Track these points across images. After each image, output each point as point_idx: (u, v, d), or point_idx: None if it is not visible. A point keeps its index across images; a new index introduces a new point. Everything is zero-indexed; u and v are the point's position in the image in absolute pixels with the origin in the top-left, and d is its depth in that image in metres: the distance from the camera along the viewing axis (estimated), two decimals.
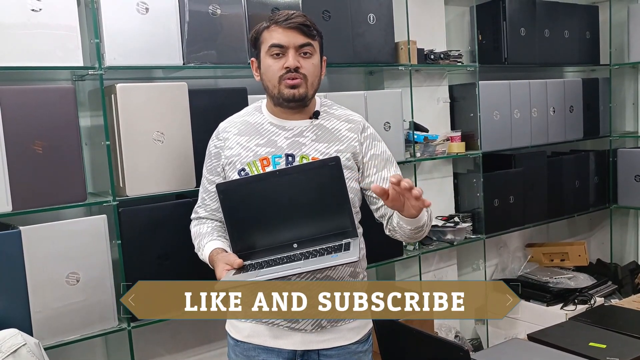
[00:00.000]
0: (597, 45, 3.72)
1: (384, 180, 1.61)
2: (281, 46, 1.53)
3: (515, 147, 3.27)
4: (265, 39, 1.57)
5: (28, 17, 1.85)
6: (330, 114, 1.65)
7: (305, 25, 1.54)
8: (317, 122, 1.61)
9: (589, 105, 3.66)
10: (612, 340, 1.96)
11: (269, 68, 1.56)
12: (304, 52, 1.55)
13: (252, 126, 1.63)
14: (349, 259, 1.34)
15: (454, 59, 3.00)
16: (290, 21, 1.53)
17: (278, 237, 1.49)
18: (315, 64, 1.58)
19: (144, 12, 2.05)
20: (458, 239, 2.99)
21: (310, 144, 1.58)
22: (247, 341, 1.61)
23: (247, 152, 1.59)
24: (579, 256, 3.54)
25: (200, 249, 1.63)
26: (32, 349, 1.73)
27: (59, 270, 1.90)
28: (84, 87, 2.20)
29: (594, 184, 3.73)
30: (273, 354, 1.59)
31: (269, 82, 1.57)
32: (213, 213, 1.69)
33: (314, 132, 1.60)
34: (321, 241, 1.47)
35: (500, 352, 1.92)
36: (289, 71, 1.53)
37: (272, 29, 1.55)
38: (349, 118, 1.65)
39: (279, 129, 1.60)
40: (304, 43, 1.54)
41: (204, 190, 1.71)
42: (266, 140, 1.59)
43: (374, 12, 2.63)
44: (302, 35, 1.54)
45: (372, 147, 1.64)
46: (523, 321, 3.13)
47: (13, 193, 1.83)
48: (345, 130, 1.62)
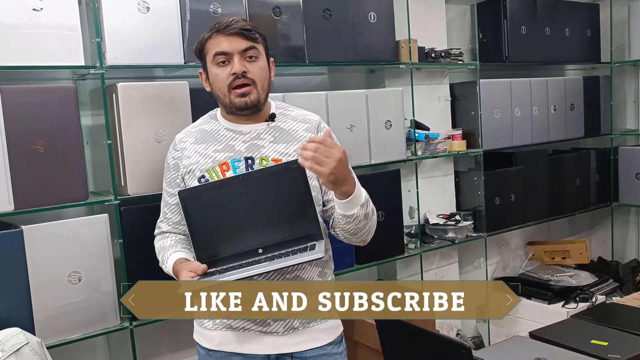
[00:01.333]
0: (597, 43, 3.72)
1: None
2: (225, 53, 1.53)
3: (516, 145, 3.27)
4: (209, 48, 1.57)
5: (29, 16, 1.86)
6: (286, 115, 1.64)
7: (246, 29, 1.54)
8: (273, 124, 1.61)
9: (590, 103, 3.65)
10: (614, 338, 1.96)
11: (216, 77, 1.55)
12: (249, 56, 1.54)
13: (209, 134, 1.62)
14: (313, 256, 1.35)
15: (455, 58, 3.00)
16: (231, 27, 1.53)
17: (243, 243, 1.47)
18: (262, 66, 1.57)
19: (145, 11, 2.05)
20: (459, 238, 2.99)
21: (268, 146, 1.57)
22: (219, 349, 1.60)
23: (205, 159, 1.58)
24: (580, 254, 3.54)
25: (165, 262, 1.60)
26: (35, 347, 1.73)
27: (61, 269, 1.91)
28: (85, 87, 2.20)
29: (595, 182, 3.72)
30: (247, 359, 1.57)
31: (219, 91, 1.56)
32: (176, 226, 1.67)
33: (271, 134, 1.59)
34: (287, 245, 1.46)
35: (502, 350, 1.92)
36: (236, 77, 1.52)
37: (214, 37, 1.55)
38: (305, 118, 1.64)
39: (236, 134, 1.59)
40: (247, 47, 1.53)
41: (164, 205, 1.69)
42: (224, 145, 1.58)
43: (375, 11, 2.63)
44: (244, 39, 1.53)
45: None
46: (524, 319, 3.13)
47: (15, 192, 1.84)
48: (302, 130, 1.61)
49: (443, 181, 3.15)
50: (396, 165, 2.74)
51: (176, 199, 1.60)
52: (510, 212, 3.24)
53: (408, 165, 2.87)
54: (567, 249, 3.57)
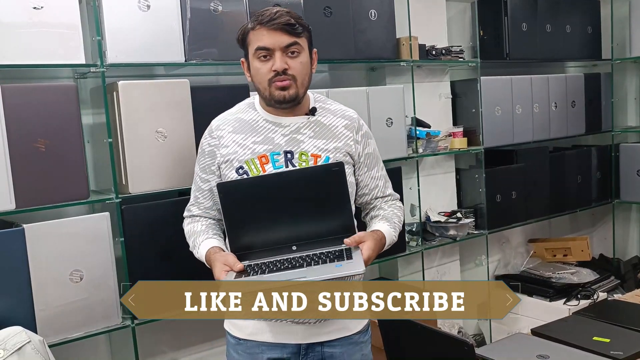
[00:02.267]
0: (598, 40, 3.72)
1: (373, 179, 1.69)
2: (267, 49, 1.52)
3: (517, 142, 3.27)
4: (251, 40, 1.55)
5: (30, 15, 1.85)
6: (326, 109, 1.65)
7: (289, 24, 1.51)
8: (314, 118, 1.61)
9: (591, 100, 3.65)
10: (616, 335, 1.96)
11: (257, 71, 1.55)
12: (291, 51, 1.53)
13: (247, 123, 1.61)
14: (355, 271, 1.36)
15: (456, 55, 3.00)
16: (274, 22, 1.50)
17: (277, 238, 1.49)
18: (304, 62, 1.56)
19: (146, 9, 2.05)
20: (460, 235, 2.99)
21: (308, 141, 1.58)
22: (251, 339, 1.60)
23: (244, 150, 1.58)
24: (582, 251, 3.53)
25: (196, 247, 1.62)
26: (37, 346, 1.73)
27: (63, 268, 1.91)
28: (85, 85, 2.20)
29: (596, 179, 3.72)
30: (277, 350, 1.58)
31: (259, 84, 1.56)
32: (207, 211, 1.68)
33: (311, 128, 1.60)
34: (320, 244, 1.48)
35: (504, 347, 1.92)
36: (277, 74, 1.52)
37: (257, 30, 1.52)
38: (344, 114, 1.66)
39: (276, 126, 1.59)
40: (290, 43, 1.52)
41: (196, 189, 1.69)
42: (263, 137, 1.58)
43: (376, 8, 2.63)
44: (287, 35, 1.51)
45: (367, 145, 1.67)
46: (526, 317, 3.13)
47: (16, 191, 1.83)
48: (342, 127, 1.63)
49: (444, 179, 3.14)
50: (397, 163, 2.74)
51: (209, 185, 1.63)
52: (512, 210, 3.24)
53: (409, 163, 2.87)
54: (568, 246, 3.57)
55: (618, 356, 1.79)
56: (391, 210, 1.70)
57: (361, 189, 1.68)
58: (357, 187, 1.68)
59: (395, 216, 1.67)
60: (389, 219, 1.65)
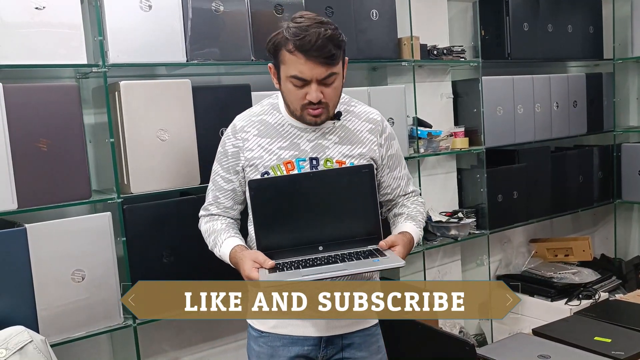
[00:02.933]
0: (600, 40, 3.71)
1: (395, 179, 1.70)
2: (304, 80, 1.47)
3: (518, 142, 3.26)
4: (286, 61, 1.47)
5: (32, 15, 1.86)
6: (351, 112, 1.65)
7: (330, 56, 1.45)
8: (339, 123, 1.62)
9: (593, 100, 3.65)
10: (617, 335, 1.96)
11: (289, 93, 1.52)
12: (327, 82, 1.49)
13: (272, 127, 1.60)
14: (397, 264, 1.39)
15: (457, 55, 3.00)
16: (315, 51, 1.43)
17: (304, 238, 1.50)
18: (337, 86, 1.53)
19: (147, 10, 2.05)
20: (462, 235, 2.99)
21: (333, 147, 1.59)
22: (273, 332, 1.62)
23: (270, 155, 1.58)
24: (583, 251, 3.53)
25: (217, 245, 1.61)
26: (39, 345, 1.74)
27: (65, 267, 1.91)
28: (87, 85, 2.21)
29: (597, 179, 3.72)
30: (298, 342, 1.60)
31: (290, 103, 1.54)
32: (226, 211, 1.68)
33: (336, 134, 1.60)
34: (346, 245, 1.50)
35: (505, 347, 1.92)
36: (311, 103, 1.50)
37: (294, 53, 1.44)
38: (368, 117, 1.66)
39: (301, 131, 1.59)
40: (327, 75, 1.48)
41: (217, 189, 1.67)
42: (289, 143, 1.58)
43: (377, 8, 2.63)
44: (326, 67, 1.46)
45: (390, 147, 1.69)
46: (527, 316, 3.13)
47: (18, 191, 1.84)
48: (366, 131, 1.64)
49: (445, 178, 3.14)
50: None
51: (233, 185, 1.64)
52: (513, 210, 3.24)
53: (410, 163, 2.87)
54: (570, 246, 3.56)
55: (619, 356, 1.79)
56: (414, 207, 1.72)
57: (384, 189, 1.71)
58: (380, 187, 1.70)
59: (419, 213, 1.70)
60: (414, 218, 1.67)
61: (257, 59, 2.27)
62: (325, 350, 1.61)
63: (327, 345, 1.61)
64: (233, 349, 2.53)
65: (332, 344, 1.61)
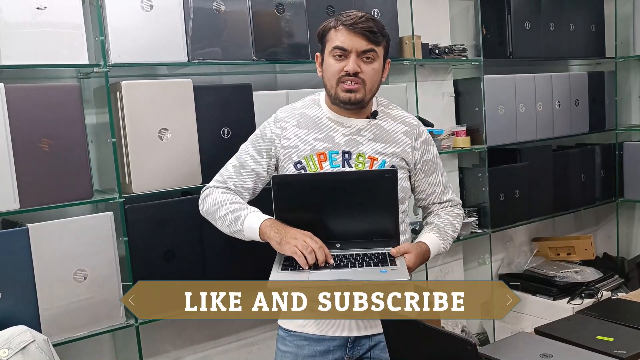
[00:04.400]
0: (602, 38, 3.70)
1: (430, 185, 1.72)
2: (344, 49, 1.55)
3: (520, 141, 3.26)
4: (330, 38, 1.58)
5: (33, 15, 1.86)
6: (387, 113, 1.68)
7: (371, 31, 1.54)
8: (374, 121, 1.64)
9: (595, 98, 3.64)
10: (620, 333, 1.95)
11: (329, 67, 1.58)
12: (366, 57, 1.56)
13: (311, 119, 1.65)
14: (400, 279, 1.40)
15: (459, 54, 2.99)
16: (357, 25, 1.54)
17: (323, 234, 1.52)
18: (376, 68, 1.59)
19: (149, 9, 2.05)
20: (464, 234, 2.98)
21: (367, 143, 1.61)
22: (300, 331, 1.63)
23: (305, 145, 1.61)
24: (585, 250, 3.52)
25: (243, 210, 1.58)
26: (41, 345, 1.74)
27: (67, 267, 1.91)
28: (89, 85, 2.21)
29: (600, 178, 3.71)
30: (324, 342, 1.61)
31: (328, 81, 1.60)
32: (241, 191, 1.67)
33: (371, 131, 1.63)
34: (364, 245, 1.53)
35: (508, 346, 1.91)
36: (347, 74, 1.55)
37: (339, 29, 1.56)
38: (405, 120, 1.69)
39: (337, 125, 1.63)
40: (367, 49, 1.55)
41: (242, 166, 1.68)
42: (324, 135, 1.62)
43: (378, 7, 2.63)
44: (366, 41, 1.55)
45: (426, 152, 1.71)
46: (529, 315, 3.12)
47: (20, 191, 1.84)
48: (401, 133, 1.66)
49: (447, 177, 3.13)
50: None
51: (260, 167, 1.66)
52: (515, 208, 3.24)
53: None
54: (572, 244, 3.56)
55: (622, 355, 1.78)
56: (447, 218, 1.73)
57: (418, 194, 1.72)
58: (414, 191, 1.72)
59: (449, 225, 1.71)
60: (440, 230, 1.69)
61: (259, 58, 2.27)
62: (352, 351, 1.61)
63: (354, 345, 1.61)
64: (235, 348, 2.53)
65: (359, 345, 1.62)
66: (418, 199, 1.75)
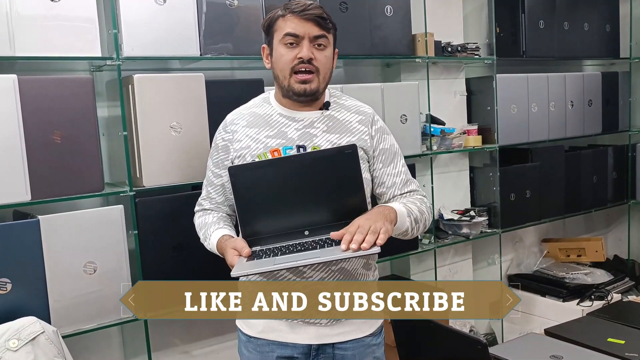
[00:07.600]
0: (617, 39, 3.67)
1: (389, 176, 1.63)
2: (296, 35, 1.51)
3: (532, 141, 3.24)
4: (280, 27, 1.54)
5: (47, 8, 1.86)
6: (340, 104, 1.64)
7: (321, 17, 1.53)
8: (327, 113, 1.60)
9: (608, 99, 3.61)
10: (631, 336, 1.94)
11: (281, 57, 1.54)
12: (318, 43, 1.53)
13: (261, 117, 1.61)
14: (371, 251, 1.31)
15: (472, 52, 2.97)
16: (307, 12, 1.51)
17: (289, 223, 1.46)
18: (328, 56, 1.57)
19: (162, 3, 2.05)
20: (474, 233, 2.97)
21: (321, 135, 1.57)
22: (261, 337, 1.59)
23: (257, 144, 1.57)
24: (596, 252, 3.50)
25: (207, 239, 1.61)
26: (50, 336, 1.75)
27: (77, 259, 1.92)
28: (101, 78, 2.21)
29: (612, 179, 3.68)
30: (287, 349, 1.57)
31: (280, 72, 1.55)
32: (218, 206, 1.67)
33: (325, 123, 1.58)
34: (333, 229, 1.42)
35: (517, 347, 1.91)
36: (301, 62, 1.51)
37: (287, 17, 1.53)
38: (359, 109, 1.64)
39: (289, 120, 1.59)
40: (319, 34, 1.53)
41: (209, 184, 1.69)
42: (276, 131, 1.57)
43: (391, 4, 2.62)
44: (317, 27, 1.52)
45: (382, 140, 1.64)
46: (538, 317, 3.11)
47: (32, 182, 1.85)
48: (355, 122, 1.61)
49: (458, 176, 3.13)
50: (411, 160, 2.72)
51: (222, 180, 1.63)
52: (526, 209, 3.22)
53: (423, 160, 2.85)
54: (582, 246, 3.53)
55: (633, 358, 1.77)
56: (409, 200, 1.62)
57: (378, 186, 1.63)
58: (373, 183, 1.64)
59: (410, 203, 1.59)
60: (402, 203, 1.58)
61: None
62: (315, 359, 1.57)
63: (318, 353, 1.56)
64: None
65: (323, 353, 1.56)
66: (379, 194, 1.65)
